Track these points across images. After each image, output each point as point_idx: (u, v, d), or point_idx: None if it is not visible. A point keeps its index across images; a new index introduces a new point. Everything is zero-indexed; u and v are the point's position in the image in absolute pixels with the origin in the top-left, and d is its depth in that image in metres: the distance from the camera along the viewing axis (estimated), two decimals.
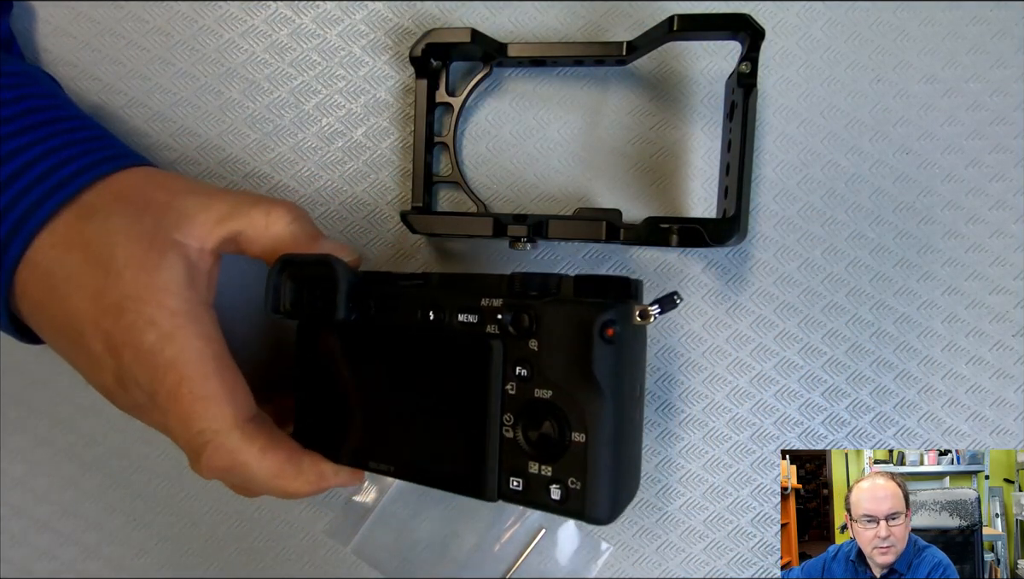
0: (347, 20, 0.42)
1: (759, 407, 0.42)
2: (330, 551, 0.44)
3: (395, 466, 0.33)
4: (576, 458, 0.29)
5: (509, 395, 0.30)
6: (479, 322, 0.30)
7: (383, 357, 0.34)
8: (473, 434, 0.31)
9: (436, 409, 0.32)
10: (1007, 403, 0.41)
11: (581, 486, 0.29)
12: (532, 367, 0.30)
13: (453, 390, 0.31)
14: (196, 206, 0.34)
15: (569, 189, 0.42)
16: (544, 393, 0.29)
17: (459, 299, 0.31)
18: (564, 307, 0.29)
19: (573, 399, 0.29)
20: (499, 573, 0.42)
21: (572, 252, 0.42)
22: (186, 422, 0.32)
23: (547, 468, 0.29)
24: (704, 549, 0.42)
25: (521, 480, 0.30)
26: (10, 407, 0.44)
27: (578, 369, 0.28)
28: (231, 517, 0.44)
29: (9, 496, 0.45)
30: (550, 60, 0.40)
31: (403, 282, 0.34)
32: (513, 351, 0.30)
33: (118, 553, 0.45)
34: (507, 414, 0.30)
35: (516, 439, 0.30)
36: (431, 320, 0.32)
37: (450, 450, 0.32)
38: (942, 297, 0.41)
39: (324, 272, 0.33)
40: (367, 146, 0.43)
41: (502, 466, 0.31)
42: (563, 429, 0.29)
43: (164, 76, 0.43)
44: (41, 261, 0.32)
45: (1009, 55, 0.40)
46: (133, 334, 0.32)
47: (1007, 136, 0.40)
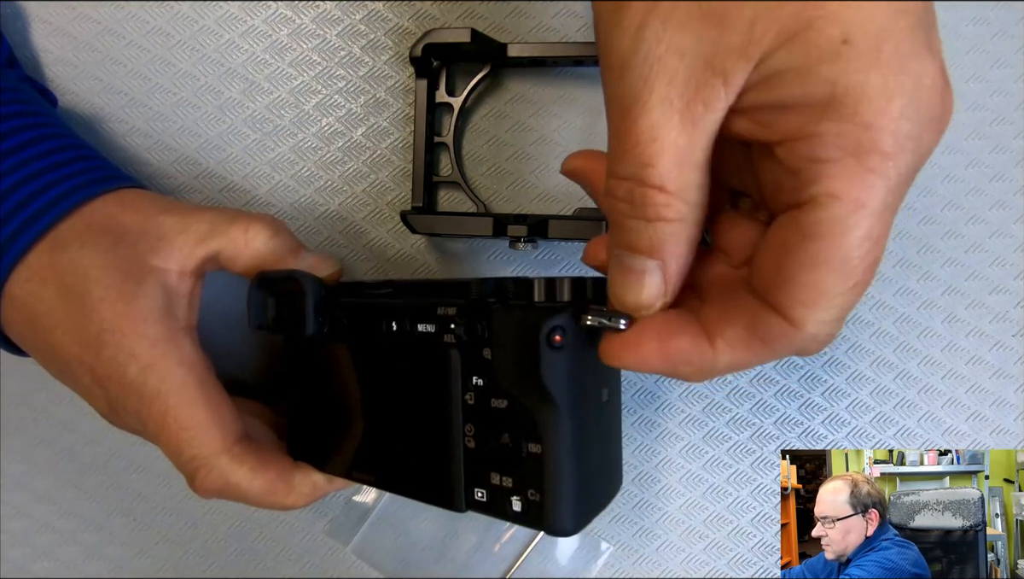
0: (347, 20, 0.42)
1: (759, 407, 0.42)
2: (330, 551, 0.44)
3: (375, 476, 0.34)
4: (533, 469, 0.27)
5: (468, 405, 0.29)
6: (436, 331, 0.29)
7: (357, 369, 0.34)
8: (439, 445, 0.30)
9: (406, 420, 0.32)
10: (1007, 403, 0.41)
11: (540, 498, 0.27)
12: (487, 376, 0.28)
13: (419, 401, 0.31)
14: (173, 228, 0.34)
15: (569, 189, 0.42)
16: (500, 403, 0.28)
17: (419, 309, 0.30)
18: (512, 313, 0.27)
19: (526, 409, 0.27)
20: (499, 573, 0.42)
21: (572, 252, 0.42)
22: (176, 450, 0.33)
23: (507, 479, 0.28)
24: (704, 549, 0.42)
25: (485, 491, 0.29)
26: (10, 407, 0.44)
27: (528, 378, 0.27)
28: (231, 517, 0.44)
29: (9, 496, 0.45)
30: (550, 60, 0.40)
31: (370, 291, 0.34)
32: (469, 360, 0.29)
33: (118, 553, 0.45)
34: (468, 425, 0.29)
35: (477, 450, 0.29)
36: (394, 330, 0.31)
37: (420, 461, 0.31)
38: (942, 297, 0.41)
39: (293, 287, 0.33)
40: (367, 146, 0.43)
41: (467, 477, 0.30)
42: (519, 440, 0.28)
43: (164, 76, 0.43)
44: (19, 295, 0.32)
45: (1009, 55, 0.40)
46: (115, 367, 0.32)
47: (1007, 136, 0.40)
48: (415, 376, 0.31)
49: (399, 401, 0.32)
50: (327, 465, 0.36)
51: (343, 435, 0.35)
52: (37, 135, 0.34)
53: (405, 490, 0.32)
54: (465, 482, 0.30)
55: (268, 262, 0.35)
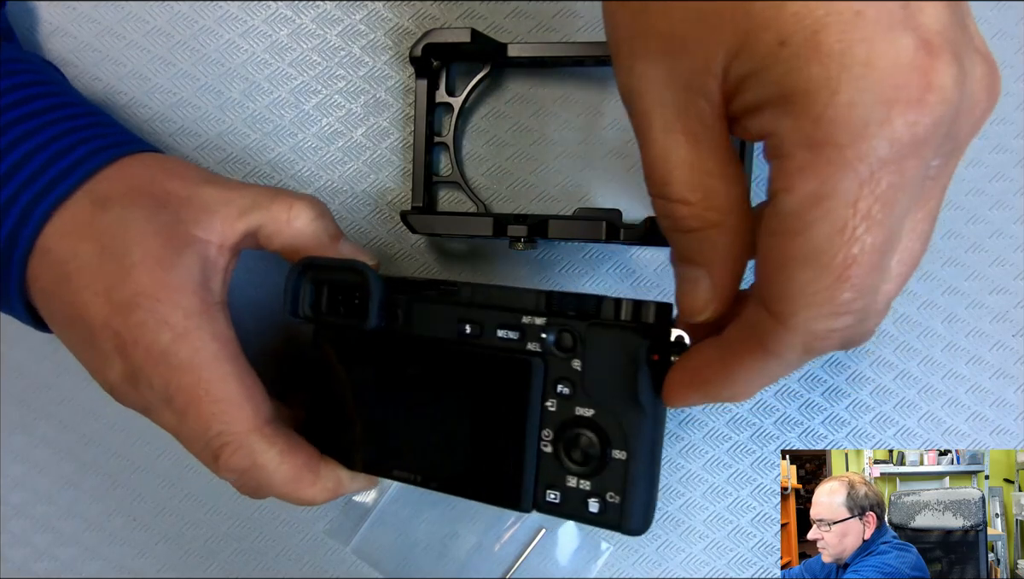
0: (347, 20, 0.42)
1: (759, 407, 0.42)
2: (330, 551, 0.44)
3: (422, 476, 0.33)
4: (616, 474, 0.30)
5: (548, 411, 0.31)
6: (520, 339, 0.31)
7: (410, 367, 0.33)
8: (509, 447, 0.31)
9: (469, 421, 0.32)
10: (1007, 403, 0.41)
11: (620, 500, 0.30)
12: (574, 385, 0.30)
13: (489, 404, 0.32)
14: (216, 200, 0.33)
15: (569, 189, 0.42)
16: (586, 411, 0.30)
17: (500, 315, 0.31)
18: (611, 331, 0.30)
19: (616, 418, 0.30)
20: (499, 573, 0.42)
21: (572, 252, 0.42)
22: (204, 424, 0.32)
23: (585, 482, 0.30)
24: (704, 549, 0.42)
25: (558, 493, 0.31)
26: (10, 407, 0.44)
27: (624, 391, 0.29)
28: (231, 517, 0.44)
29: (9, 496, 0.45)
30: (550, 60, 0.40)
31: (430, 291, 0.34)
32: (555, 369, 0.31)
33: (118, 553, 0.45)
34: (546, 430, 0.31)
35: (554, 454, 0.31)
36: (467, 333, 0.32)
37: (484, 462, 0.32)
38: (942, 297, 0.41)
39: (355, 279, 0.33)
40: (367, 146, 0.43)
41: (539, 479, 0.31)
42: (604, 446, 0.30)
43: (164, 76, 0.43)
44: (53, 249, 0.31)
45: (1009, 55, 0.40)
46: (145, 333, 0.31)
47: (1007, 136, 0.40)
48: (483, 380, 0.32)
49: (457, 402, 0.32)
50: (355, 461, 0.35)
51: (378, 432, 0.34)
52: (66, 100, 0.35)
53: (459, 490, 0.33)
54: (535, 484, 0.31)
55: (307, 244, 0.34)
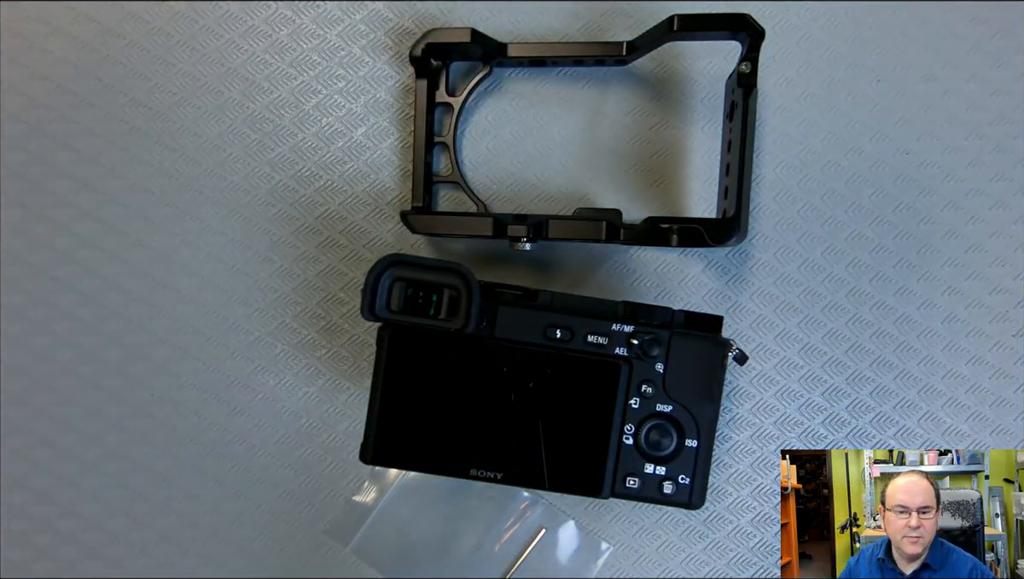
0: (347, 20, 0.42)
1: (759, 407, 0.42)
2: (330, 551, 0.44)
3: (503, 473, 0.35)
4: (688, 459, 0.36)
5: (632, 408, 0.36)
6: (608, 344, 0.35)
7: (496, 368, 0.35)
8: (595, 441, 0.35)
9: (553, 418, 0.35)
10: (1007, 403, 0.41)
11: (690, 481, 0.36)
12: (656, 386, 0.35)
13: (576, 402, 0.35)
14: None
15: (569, 189, 0.42)
16: (666, 407, 0.35)
17: (589, 322, 0.35)
18: (692, 340, 0.35)
19: (690, 413, 0.35)
20: (499, 573, 0.42)
21: (572, 252, 0.42)
22: None
23: (661, 468, 0.36)
24: (704, 549, 0.42)
25: (637, 479, 0.36)
26: (10, 407, 0.44)
27: (700, 389, 0.35)
28: (231, 517, 0.44)
29: (9, 496, 0.45)
30: (550, 60, 0.40)
31: (514, 294, 0.36)
32: (639, 371, 0.35)
33: (118, 553, 0.45)
34: (628, 424, 0.35)
35: (635, 445, 0.36)
36: (557, 338, 0.35)
37: (567, 455, 0.35)
38: (942, 297, 0.41)
39: (453, 281, 0.34)
40: (367, 146, 0.43)
41: (618, 468, 0.36)
42: (680, 437, 0.35)
43: (164, 76, 0.43)
44: None
45: (1009, 55, 0.40)
46: None
47: (1007, 136, 0.40)
48: (571, 381, 0.35)
49: (542, 401, 0.35)
50: (431, 464, 0.35)
51: (458, 433, 0.35)
52: None
53: (540, 483, 0.35)
54: (615, 473, 0.35)
55: None
